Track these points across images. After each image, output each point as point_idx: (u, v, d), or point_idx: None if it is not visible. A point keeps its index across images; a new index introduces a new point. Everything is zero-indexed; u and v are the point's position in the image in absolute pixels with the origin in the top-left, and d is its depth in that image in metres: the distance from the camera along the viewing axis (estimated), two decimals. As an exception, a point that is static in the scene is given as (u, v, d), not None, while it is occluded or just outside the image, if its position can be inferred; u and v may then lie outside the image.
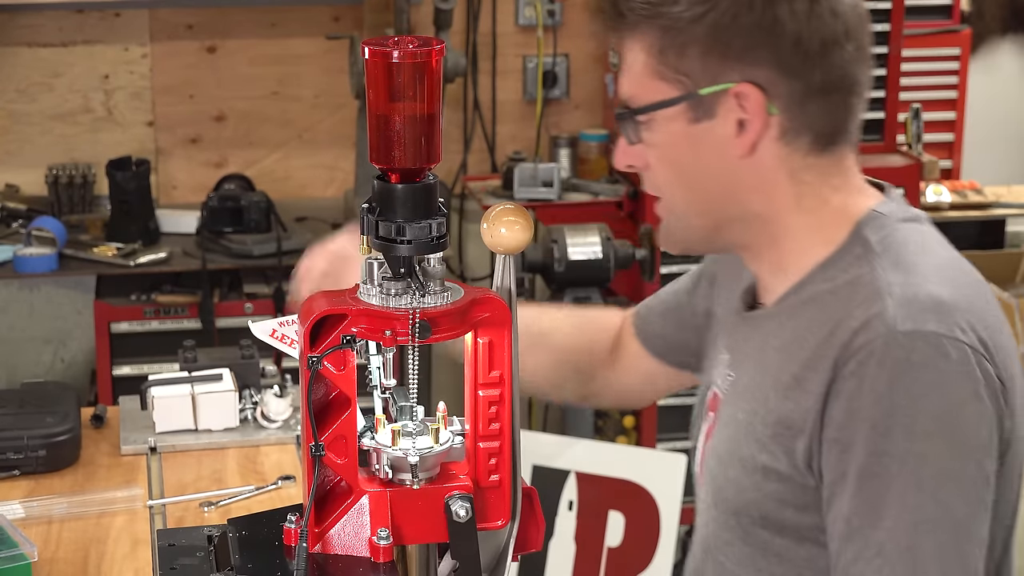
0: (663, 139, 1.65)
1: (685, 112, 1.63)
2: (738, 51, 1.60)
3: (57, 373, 4.38)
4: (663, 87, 1.63)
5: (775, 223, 1.66)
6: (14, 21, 4.42)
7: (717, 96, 1.61)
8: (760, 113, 1.61)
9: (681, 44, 1.61)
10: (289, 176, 4.67)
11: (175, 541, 1.72)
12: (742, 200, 1.65)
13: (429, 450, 1.57)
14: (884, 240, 1.62)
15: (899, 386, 1.50)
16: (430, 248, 1.52)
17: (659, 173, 1.68)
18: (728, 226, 1.68)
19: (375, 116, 1.52)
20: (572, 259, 3.99)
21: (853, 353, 1.53)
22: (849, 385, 1.53)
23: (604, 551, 3.75)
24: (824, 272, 1.64)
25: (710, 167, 1.64)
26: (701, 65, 1.61)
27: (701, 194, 1.66)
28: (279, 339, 1.72)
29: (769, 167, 1.64)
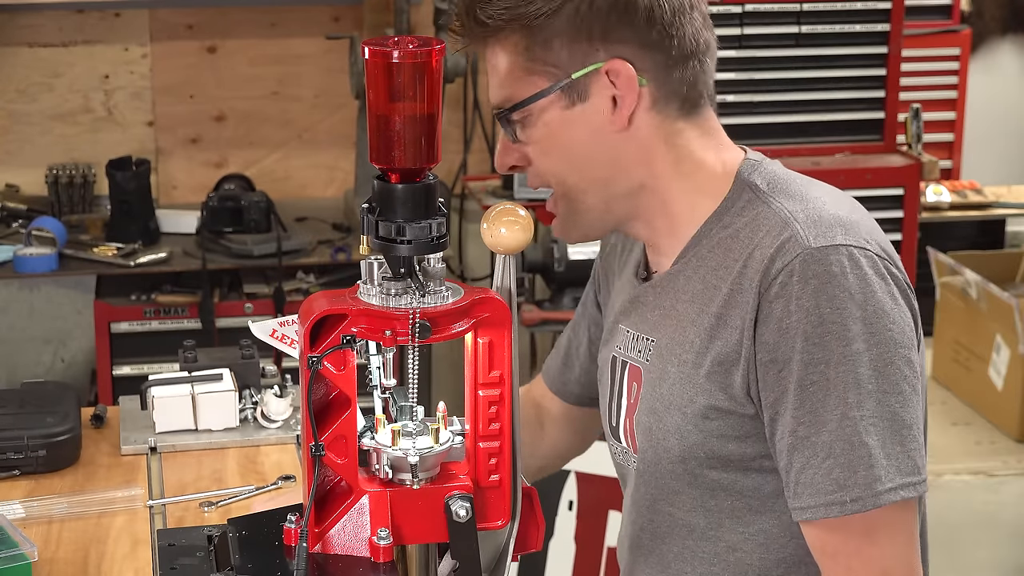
0: (543, 131, 1.72)
1: (559, 99, 1.70)
2: (600, 33, 1.67)
3: (57, 373, 4.38)
4: (535, 81, 1.70)
5: (660, 190, 1.74)
6: (14, 21, 4.42)
7: (588, 77, 1.69)
8: (632, 86, 1.68)
9: (545, 38, 1.68)
10: (289, 176, 4.67)
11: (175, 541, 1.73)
12: (626, 173, 1.73)
13: (429, 450, 1.57)
14: (769, 180, 1.72)
15: (824, 296, 1.59)
16: (430, 248, 1.53)
17: (543, 165, 1.74)
18: (618, 202, 1.75)
19: (375, 116, 1.52)
20: (572, 259, 3.99)
21: (774, 276, 1.62)
22: (777, 307, 1.61)
23: (604, 551, 3.75)
24: (719, 221, 1.72)
25: (591, 147, 1.71)
26: (568, 53, 1.68)
27: (587, 175, 1.73)
28: (279, 339, 1.73)
29: (646, 136, 1.72)
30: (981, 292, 4.54)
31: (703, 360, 1.69)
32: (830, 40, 4.33)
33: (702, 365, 1.69)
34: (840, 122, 4.41)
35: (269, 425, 2.47)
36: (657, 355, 1.76)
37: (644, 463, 1.79)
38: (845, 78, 4.41)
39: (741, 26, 4.28)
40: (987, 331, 4.32)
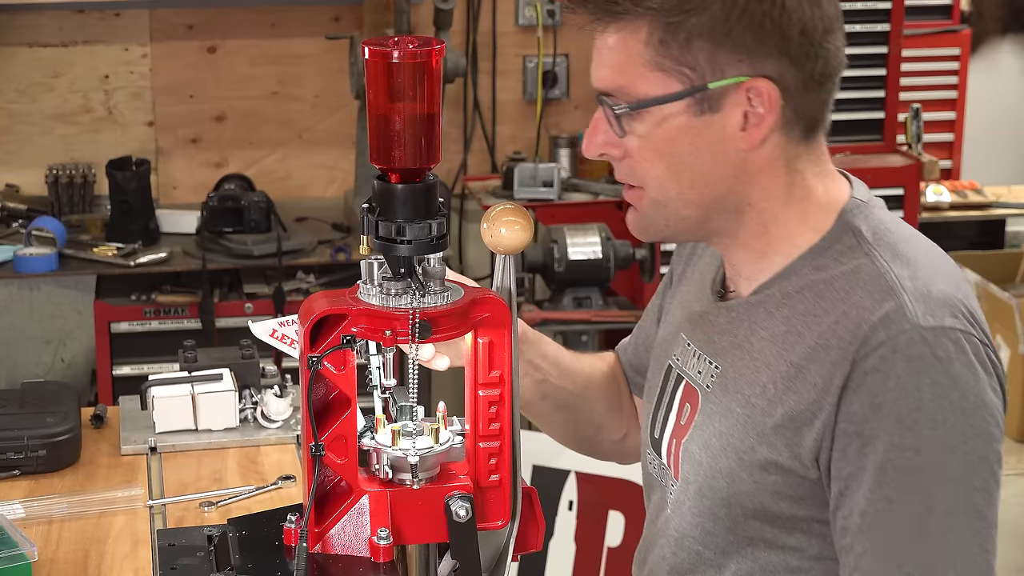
0: (658, 132, 1.59)
1: (687, 105, 1.57)
2: (749, 43, 1.54)
3: (57, 373, 4.38)
4: (662, 79, 1.57)
5: (767, 212, 1.63)
6: (14, 21, 4.42)
7: (724, 89, 1.56)
8: (773, 107, 1.56)
9: (686, 36, 1.54)
10: (289, 176, 4.67)
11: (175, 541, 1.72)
12: (738, 191, 1.61)
13: (429, 450, 1.57)
14: (875, 229, 1.61)
15: (926, 380, 1.49)
16: (430, 248, 1.52)
17: (646, 166, 1.61)
18: (717, 217, 1.63)
19: (375, 116, 1.52)
20: (572, 259, 3.99)
21: (875, 348, 1.51)
22: (872, 380, 1.51)
23: (604, 551, 3.75)
24: (813, 260, 1.61)
25: (709, 160, 1.59)
26: (708, 57, 1.55)
27: (696, 186, 1.61)
28: (279, 339, 1.73)
29: (769, 158, 1.60)
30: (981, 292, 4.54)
31: (774, 410, 1.58)
32: (830, 40, 4.33)
33: (771, 415, 1.58)
34: (840, 122, 4.41)
35: (269, 425, 2.46)
36: (721, 386, 1.65)
37: (684, 495, 1.69)
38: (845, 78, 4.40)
39: (741, 26, 4.28)
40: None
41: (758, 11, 1.54)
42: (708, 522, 1.66)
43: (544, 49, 4.63)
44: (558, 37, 4.65)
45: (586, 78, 4.89)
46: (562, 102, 4.73)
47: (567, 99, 4.73)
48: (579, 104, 4.73)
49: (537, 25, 4.61)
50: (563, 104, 4.73)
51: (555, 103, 4.72)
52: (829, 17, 1.58)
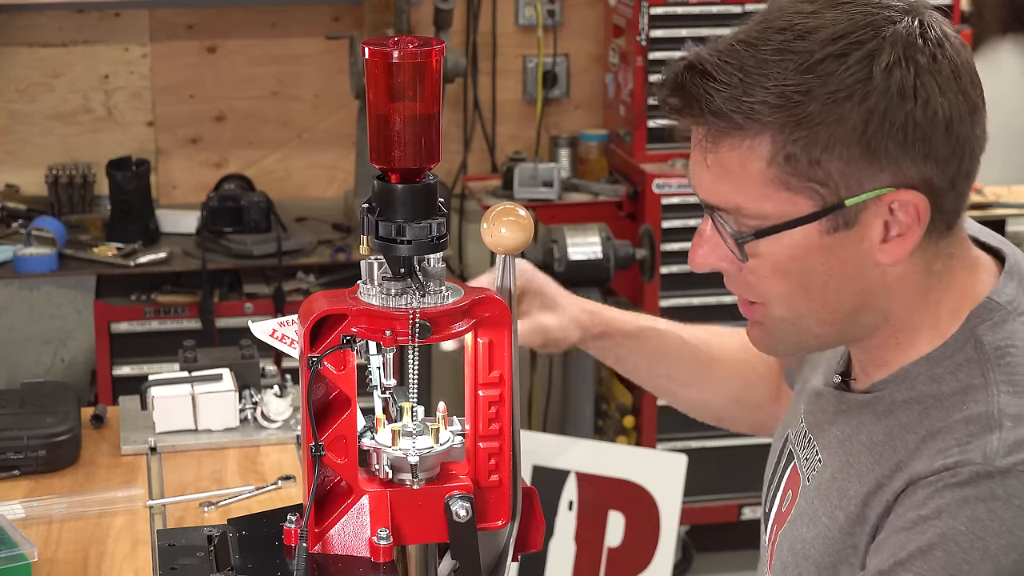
0: (784, 251, 1.41)
1: (820, 224, 1.39)
2: (891, 151, 1.36)
3: (57, 373, 4.38)
4: (788, 198, 1.38)
5: (899, 321, 1.46)
6: (14, 21, 4.42)
7: (863, 203, 1.37)
8: (922, 218, 1.38)
9: (818, 150, 1.36)
10: (289, 176, 4.67)
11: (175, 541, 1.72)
12: (874, 306, 1.45)
13: (429, 450, 1.57)
14: (1000, 344, 1.43)
15: (966, 511, 1.33)
16: (430, 248, 1.52)
17: (770, 283, 1.44)
18: (849, 331, 1.47)
19: (375, 116, 1.52)
20: (572, 259, 3.99)
21: (938, 470, 1.36)
22: (918, 494, 1.37)
23: (604, 551, 3.75)
24: (930, 369, 1.45)
25: (843, 277, 1.42)
26: (842, 170, 1.36)
27: (829, 305, 1.44)
28: (279, 339, 1.72)
29: (909, 267, 1.43)
30: (981, 292, 4.53)
31: (854, 529, 1.44)
32: (830, 40, 4.33)
33: (852, 535, 1.45)
34: (840, 122, 4.41)
35: (269, 425, 2.46)
36: (816, 488, 1.52)
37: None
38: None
39: (741, 26, 4.28)
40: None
41: (900, 114, 1.35)
42: None
43: (544, 49, 4.63)
44: (558, 37, 4.65)
45: (586, 78, 4.91)
46: (562, 102, 4.73)
47: (567, 99, 4.73)
48: (579, 104, 4.73)
49: (537, 25, 4.61)
50: (563, 104, 4.73)
51: (555, 103, 4.72)
52: (973, 101, 1.41)
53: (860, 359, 1.54)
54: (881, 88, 1.34)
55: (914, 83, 1.35)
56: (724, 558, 4.46)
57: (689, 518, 4.24)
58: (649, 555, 3.73)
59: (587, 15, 4.68)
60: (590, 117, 4.71)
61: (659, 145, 4.34)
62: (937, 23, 1.40)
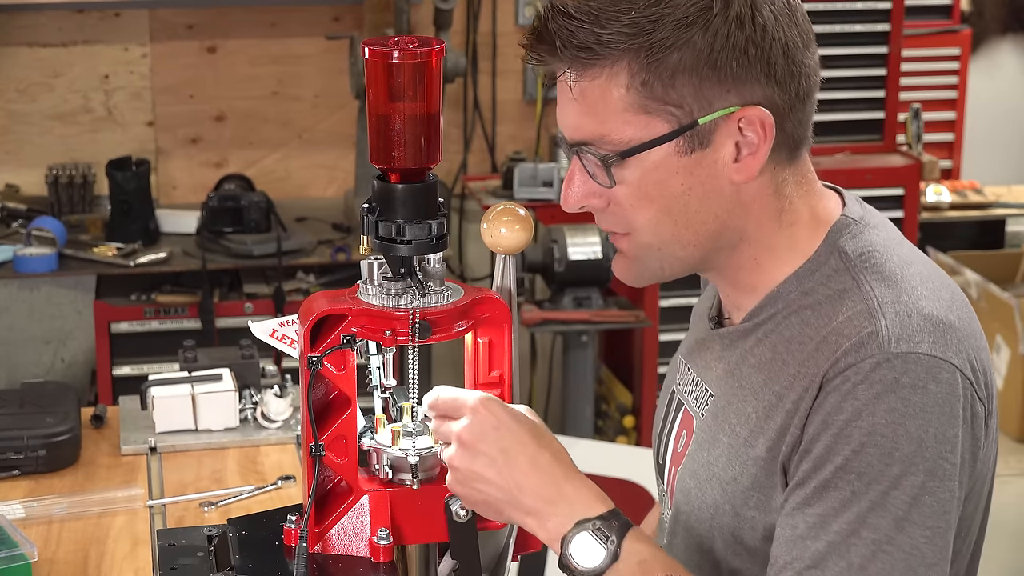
0: (647, 177, 1.51)
1: (676, 145, 1.49)
2: (736, 72, 1.47)
3: (57, 373, 4.38)
4: (647, 121, 1.49)
5: (758, 244, 1.56)
6: (14, 21, 4.42)
7: (715, 123, 1.49)
8: (769, 134, 1.49)
9: (670, 73, 1.46)
10: (289, 176, 4.67)
11: (175, 541, 1.73)
12: (732, 226, 1.54)
13: (429, 450, 1.57)
14: (862, 251, 1.54)
15: (883, 405, 1.43)
16: (430, 248, 1.52)
17: (635, 213, 1.53)
18: (712, 255, 1.57)
19: (375, 116, 1.52)
20: (572, 259, 3.99)
21: (841, 370, 1.45)
22: (831, 400, 1.45)
23: (604, 551, 3.74)
24: (800, 284, 1.55)
25: (703, 197, 1.52)
26: (694, 93, 1.47)
27: (690, 228, 1.53)
28: (279, 339, 1.73)
29: (760, 186, 1.53)
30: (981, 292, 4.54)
31: (756, 441, 1.53)
32: (830, 40, 4.33)
33: (754, 446, 1.53)
34: (840, 122, 4.42)
35: (269, 425, 2.46)
36: (712, 416, 1.61)
37: (676, 525, 1.66)
38: (845, 78, 4.41)
39: (741, 26, 4.28)
40: (987, 331, 4.32)
41: (740, 38, 1.47)
42: (695, 555, 1.62)
43: (544, 49, 4.63)
44: (558, 37, 4.65)
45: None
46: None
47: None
48: (579, 104, 4.73)
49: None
50: (563, 104, 4.73)
51: (555, 103, 4.71)
52: (806, 33, 1.52)
53: (728, 294, 1.63)
54: (722, 16, 1.47)
55: (752, 12, 1.47)
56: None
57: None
58: (649, 555, 3.73)
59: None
60: (590, 117, 4.71)
61: (659, 145, 4.33)
62: None
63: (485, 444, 1.51)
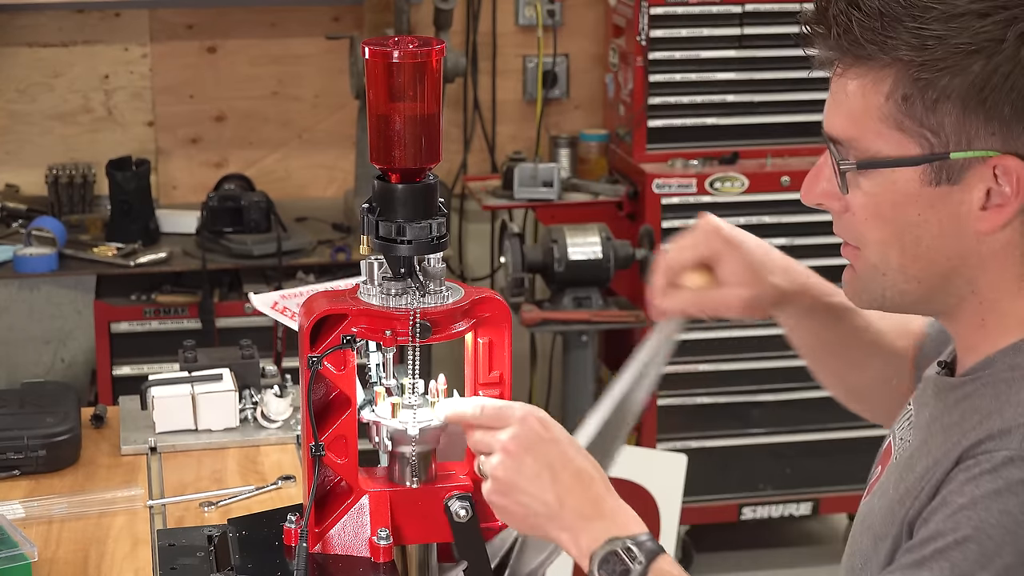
0: (885, 194, 1.44)
1: (923, 172, 1.41)
2: (1006, 116, 1.38)
3: (57, 373, 4.38)
4: (899, 138, 1.41)
5: (988, 304, 1.47)
6: (14, 21, 4.42)
7: (968, 161, 1.39)
8: (1022, 189, 1.40)
9: (935, 96, 1.38)
10: (289, 176, 4.67)
11: (175, 541, 1.73)
12: (964, 275, 1.45)
13: (429, 422, 1.56)
14: None
15: (998, 504, 1.35)
16: (430, 248, 1.52)
17: (868, 227, 1.46)
18: (937, 297, 1.48)
19: (375, 116, 1.52)
20: (572, 259, 3.99)
21: (978, 453, 1.39)
22: (959, 478, 1.38)
23: (604, 551, 3.74)
24: (1014, 357, 1.46)
25: (938, 237, 1.43)
26: (955, 124, 1.39)
27: (920, 261, 1.45)
28: (280, 311, 1.72)
29: (1006, 244, 1.43)
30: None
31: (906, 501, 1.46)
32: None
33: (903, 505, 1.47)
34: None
35: (269, 425, 2.46)
36: (898, 463, 1.55)
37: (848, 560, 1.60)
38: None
39: (741, 26, 4.28)
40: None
41: (1022, 81, 1.36)
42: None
43: (544, 49, 4.63)
44: (558, 37, 4.65)
45: (586, 78, 4.91)
46: (562, 102, 4.73)
47: (567, 99, 4.73)
48: (579, 104, 4.73)
49: (537, 25, 4.61)
50: (563, 104, 4.73)
51: (555, 103, 4.72)
52: None
53: (957, 344, 1.55)
54: (1010, 52, 1.37)
55: None
56: (724, 558, 4.46)
57: (689, 518, 4.24)
58: (649, 555, 3.72)
59: (587, 15, 4.68)
60: (590, 117, 4.71)
61: (659, 145, 4.34)
62: None
63: (532, 456, 1.50)
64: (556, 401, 4.52)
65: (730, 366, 4.31)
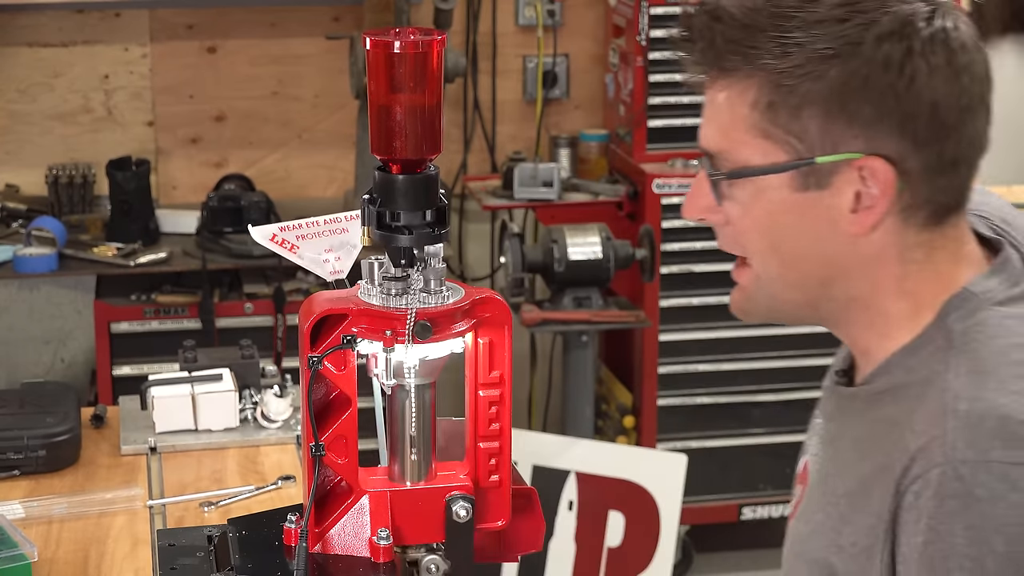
0: (758, 203, 1.44)
1: (792, 179, 1.41)
2: (866, 118, 1.38)
3: (57, 373, 4.38)
4: (766, 147, 1.42)
5: (872, 308, 1.47)
6: (14, 21, 4.42)
7: (835, 165, 1.40)
8: (888, 191, 1.40)
9: (797, 103, 1.39)
10: (289, 176, 4.67)
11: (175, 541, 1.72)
12: (843, 281, 1.45)
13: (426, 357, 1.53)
14: (968, 332, 1.42)
15: (958, 524, 1.32)
16: (431, 239, 1.52)
17: (747, 238, 1.47)
18: (822, 304, 1.48)
19: (376, 107, 1.52)
20: (572, 259, 3.99)
21: (911, 482, 1.36)
22: (908, 519, 1.36)
23: (604, 551, 3.75)
24: (905, 359, 1.45)
25: (811, 242, 1.44)
26: (819, 129, 1.39)
27: (796, 268, 1.46)
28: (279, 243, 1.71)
29: (880, 247, 1.43)
30: (981, 292, 4.53)
31: (843, 528, 1.44)
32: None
33: (841, 533, 1.45)
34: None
35: (269, 425, 2.46)
36: (814, 484, 1.54)
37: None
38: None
39: (741, 26, 4.28)
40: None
41: (881, 83, 1.37)
42: None
43: (544, 49, 4.63)
44: (558, 37, 4.65)
45: (586, 78, 4.90)
46: (562, 102, 4.73)
47: (567, 99, 4.73)
48: (579, 104, 4.73)
49: (537, 25, 4.61)
50: (563, 104, 4.73)
51: (555, 103, 4.72)
52: (971, 95, 1.42)
53: (854, 351, 1.54)
54: (868, 54, 1.37)
55: (902, 59, 1.38)
56: (724, 558, 4.46)
57: (689, 518, 4.24)
58: (649, 555, 3.73)
59: (587, 15, 4.68)
60: (590, 117, 4.71)
61: (659, 145, 4.34)
62: (952, 20, 1.42)
63: None
64: (556, 401, 4.52)
65: (730, 366, 4.31)
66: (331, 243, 1.65)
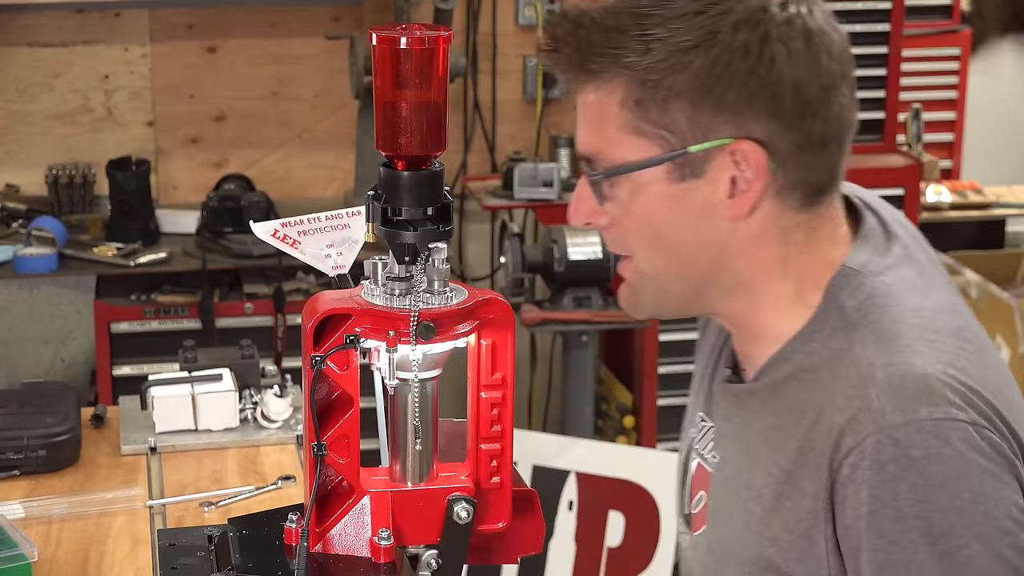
0: (637, 200, 1.48)
1: (667, 171, 1.45)
2: (732, 103, 1.42)
3: (57, 373, 4.38)
4: (640, 143, 1.46)
5: (757, 291, 1.50)
6: (14, 21, 4.42)
7: (708, 153, 1.44)
8: (761, 172, 1.44)
9: (663, 96, 1.43)
10: (289, 176, 4.67)
11: (175, 541, 1.72)
12: (726, 266, 1.49)
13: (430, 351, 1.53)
14: (862, 307, 1.46)
15: (903, 486, 1.35)
16: (436, 236, 1.52)
17: (631, 236, 1.50)
18: (707, 293, 1.51)
19: (382, 103, 1.52)
20: (572, 259, 3.99)
21: (844, 455, 1.39)
22: (848, 491, 1.39)
23: (604, 551, 3.74)
24: (803, 344, 1.48)
25: (693, 231, 1.47)
26: (688, 119, 1.43)
27: (680, 259, 1.49)
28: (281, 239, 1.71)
29: (760, 228, 1.48)
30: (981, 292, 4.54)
31: (772, 520, 1.47)
32: (830, 40, 4.33)
33: (770, 525, 1.47)
34: (840, 122, 4.41)
35: (269, 425, 2.46)
36: (723, 482, 1.56)
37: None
38: (845, 78, 4.41)
39: (741, 26, 4.28)
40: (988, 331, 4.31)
41: (742, 68, 1.42)
42: None
43: (544, 49, 4.62)
44: (558, 37, 4.65)
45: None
46: (562, 102, 4.72)
47: (567, 99, 4.72)
48: (579, 104, 4.73)
49: (537, 25, 4.61)
50: (563, 104, 4.73)
51: (555, 103, 4.72)
52: (831, 74, 1.45)
53: (737, 341, 1.57)
54: (726, 41, 1.42)
55: (760, 45, 1.42)
56: (724, 558, 4.46)
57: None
58: (649, 555, 3.73)
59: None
60: (590, 117, 4.71)
61: (659, 145, 4.34)
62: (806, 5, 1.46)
63: None
64: (556, 401, 4.52)
65: (730, 366, 4.31)
66: (333, 239, 1.65)
